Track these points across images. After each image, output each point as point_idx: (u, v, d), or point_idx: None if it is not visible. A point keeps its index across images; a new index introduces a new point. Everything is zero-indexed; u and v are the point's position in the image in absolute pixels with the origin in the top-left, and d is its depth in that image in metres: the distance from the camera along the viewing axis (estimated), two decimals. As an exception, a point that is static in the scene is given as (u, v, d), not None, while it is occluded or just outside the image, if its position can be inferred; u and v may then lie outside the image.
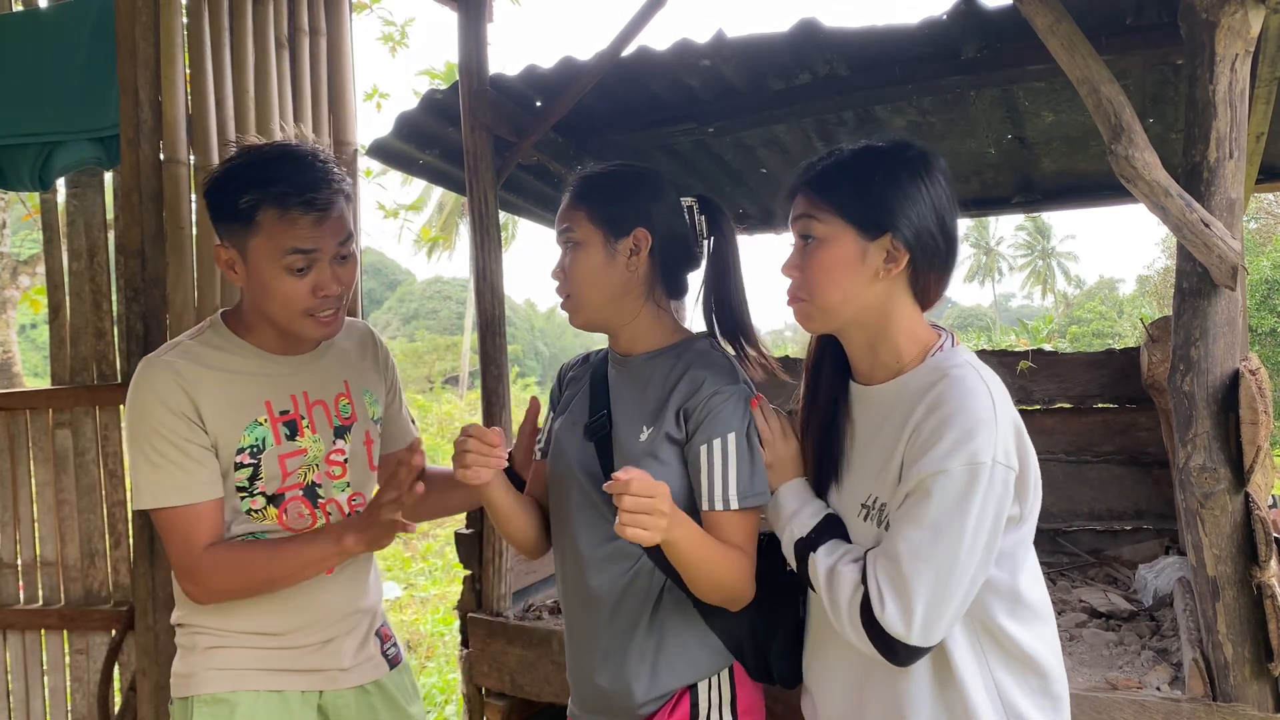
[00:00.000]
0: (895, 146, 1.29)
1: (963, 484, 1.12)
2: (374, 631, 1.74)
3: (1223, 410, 1.78)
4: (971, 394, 1.16)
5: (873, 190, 1.23)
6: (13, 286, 6.78)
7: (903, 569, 1.13)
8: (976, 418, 1.13)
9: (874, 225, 1.23)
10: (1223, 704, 1.84)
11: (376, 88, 6.81)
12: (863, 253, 1.24)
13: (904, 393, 1.24)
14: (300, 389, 1.60)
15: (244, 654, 1.56)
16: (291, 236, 1.44)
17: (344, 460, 1.64)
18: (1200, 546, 1.82)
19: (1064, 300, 51.37)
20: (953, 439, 1.12)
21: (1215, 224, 1.69)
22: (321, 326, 1.53)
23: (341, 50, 2.66)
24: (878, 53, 2.77)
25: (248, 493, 1.54)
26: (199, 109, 2.35)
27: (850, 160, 1.28)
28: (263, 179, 1.44)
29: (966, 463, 1.11)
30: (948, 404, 1.15)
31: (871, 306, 1.26)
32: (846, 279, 1.24)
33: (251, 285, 1.51)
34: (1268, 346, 14.42)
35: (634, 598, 1.46)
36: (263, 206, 1.44)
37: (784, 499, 1.35)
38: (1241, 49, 1.71)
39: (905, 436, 1.19)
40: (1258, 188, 3.75)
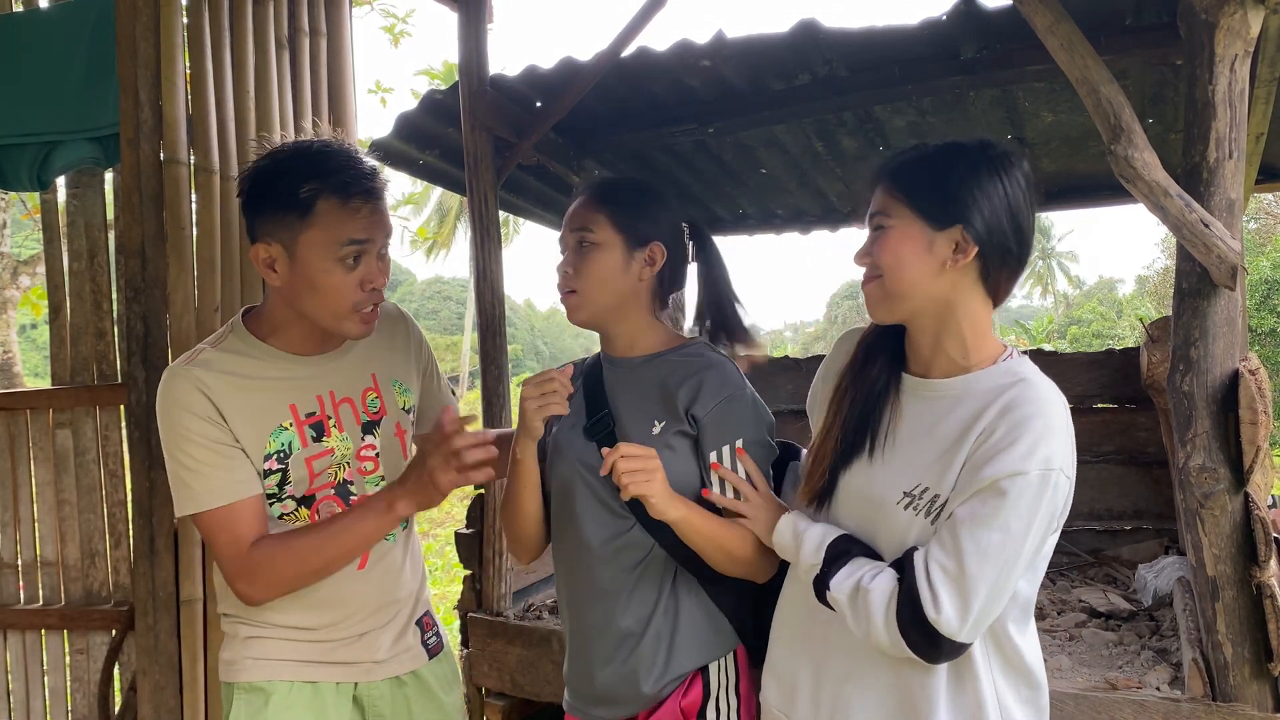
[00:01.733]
0: (978, 144, 1.30)
1: (1036, 488, 1.13)
2: (414, 621, 1.72)
3: (1222, 410, 1.78)
4: (1048, 402, 1.18)
5: (947, 183, 1.25)
6: (13, 286, 6.78)
7: (967, 567, 1.13)
8: (1052, 425, 1.16)
9: (943, 216, 1.24)
10: (1222, 704, 1.84)
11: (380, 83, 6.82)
12: (930, 242, 1.24)
13: (973, 390, 1.25)
14: (326, 389, 1.58)
15: (279, 645, 1.57)
16: (350, 226, 1.44)
17: (375, 455, 1.63)
18: (1200, 546, 1.82)
19: (1064, 300, 51.36)
20: (1029, 442, 1.14)
21: (1215, 224, 1.69)
22: (364, 324, 1.53)
23: (341, 50, 2.66)
24: (878, 53, 2.77)
25: (277, 498, 1.54)
26: (199, 109, 2.35)
27: (930, 154, 1.31)
28: (322, 169, 1.44)
29: (1042, 468, 1.13)
30: (1025, 407, 1.17)
31: (938, 297, 1.26)
32: (913, 265, 1.24)
33: (295, 282, 1.47)
34: (1267, 346, 14.42)
35: (647, 586, 1.50)
36: (324, 195, 1.43)
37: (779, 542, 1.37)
38: (1241, 49, 1.71)
39: (975, 434, 1.20)
40: (1257, 188, 3.75)
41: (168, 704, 2.34)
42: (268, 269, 1.48)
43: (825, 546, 1.29)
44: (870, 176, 1.35)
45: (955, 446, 1.21)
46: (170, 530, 2.34)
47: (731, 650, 1.54)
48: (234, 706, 1.57)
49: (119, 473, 2.58)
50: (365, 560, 1.61)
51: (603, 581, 1.52)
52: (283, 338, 1.56)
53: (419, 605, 1.76)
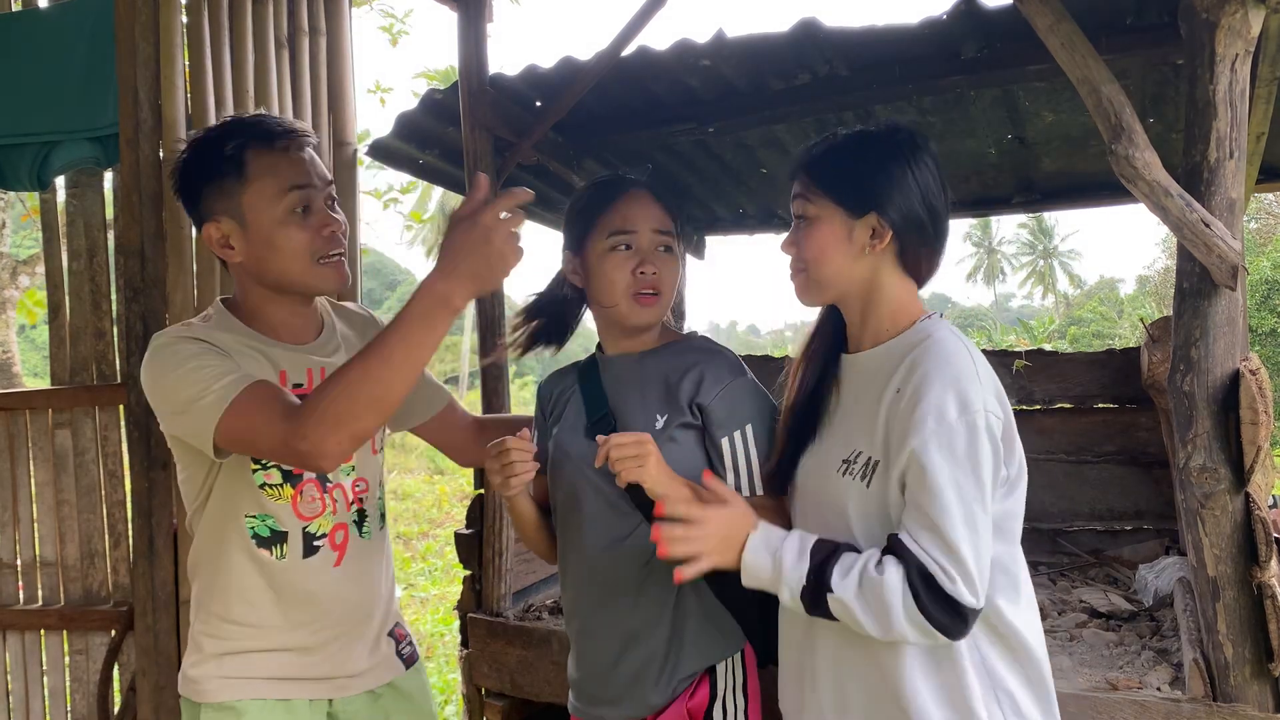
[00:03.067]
0: (885, 130, 1.36)
1: (965, 436, 1.17)
2: (386, 632, 1.69)
3: (1223, 410, 1.77)
4: (952, 353, 1.23)
5: (859, 172, 1.32)
6: (13, 286, 6.78)
7: (947, 536, 1.15)
8: (959, 372, 1.20)
9: (859, 205, 1.31)
10: (1223, 704, 1.84)
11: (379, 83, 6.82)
12: (849, 230, 1.32)
13: (889, 355, 1.31)
14: (316, 365, 1.57)
15: (250, 661, 1.53)
16: (287, 171, 1.43)
17: None
18: (1200, 546, 1.82)
19: (1064, 300, 51.37)
20: (938, 395, 1.18)
21: (1215, 224, 1.69)
22: (333, 272, 1.50)
23: (341, 50, 2.66)
24: (878, 53, 2.77)
25: (262, 466, 1.49)
26: (199, 109, 2.35)
27: (842, 144, 1.37)
28: (239, 128, 1.46)
29: (960, 414, 1.17)
30: (927, 361, 1.22)
31: (860, 279, 1.34)
32: (835, 254, 1.33)
33: (254, 250, 1.45)
34: (1268, 346, 14.42)
35: (654, 586, 1.50)
36: (250, 146, 1.43)
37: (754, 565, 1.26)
38: (1241, 49, 1.71)
39: (889, 393, 1.25)
40: (1258, 188, 3.75)
41: (167, 704, 2.34)
42: (223, 248, 1.46)
43: (808, 551, 1.24)
44: (790, 169, 1.42)
45: (876, 407, 1.27)
46: (170, 530, 2.33)
47: (739, 650, 1.53)
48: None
49: (118, 473, 2.58)
50: (341, 557, 1.58)
51: (611, 582, 1.52)
52: (263, 320, 1.54)
53: (391, 615, 1.72)
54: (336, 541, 1.58)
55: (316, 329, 1.62)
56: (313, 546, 1.55)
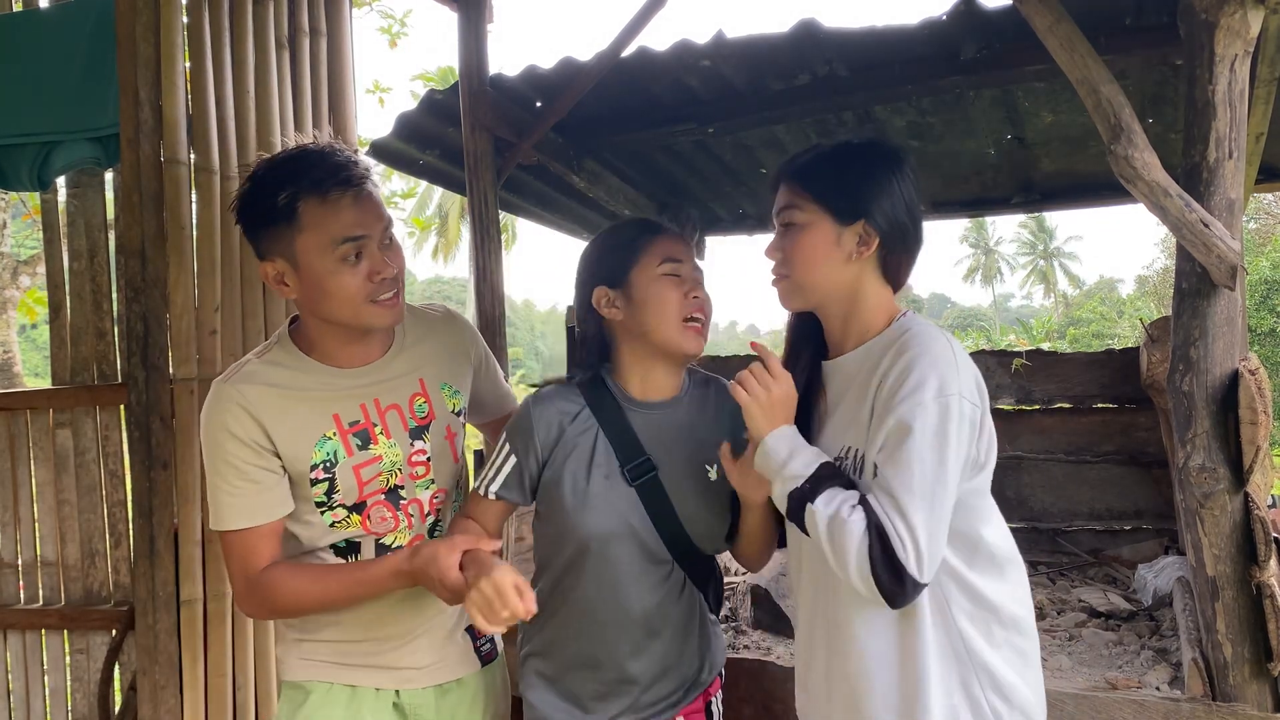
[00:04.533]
0: (869, 143, 1.42)
1: (938, 415, 1.21)
2: (464, 629, 1.70)
3: (1222, 410, 1.78)
4: (932, 341, 1.27)
5: (848, 180, 1.36)
6: (13, 286, 6.78)
7: (903, 506, 1.19)
8: (938, 358, 1.24)
9: (849, 212, 1.35)
10: (1222, 704, 1.84)
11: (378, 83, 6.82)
12: (838, 237, 1.36)
13: (871, 353, 1.36)
14: (371, 397, 1.58)
15: (320, 647, 1.60)
16: (338, 223, 1.44)
17: (427, 459, 1.63)
18: (1200, 546, 1.82)
19: (1064, 300, 51.37)
20: (918, 377, 1.23)
21: (1214, 224, 1.69)
22: (387, 311, 1.51)
23: (341, 50, 2.66)
24: (878, 53, 2.77)
25: (327, 506, 1.55)
26: (199, 109, 2.35)
27: (829, 154, 1.41)
28: (294, 173, 1.45)
29: (936, 396, 1.21)
30: (910, 350, 1.26)
31: (845, 284, 1.38)
32: (823, 260, 1.37)
33: (307, 291, 1.49)
34: (1267, 346, 14.42)
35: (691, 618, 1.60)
36: (302, 198, 1.43)
37: (773, 446, 1.33)
38: (1241, 49, 1.71)
39: (874, 385, 1.30)
40: (1257, 188, 3.76)
41: (168, 704, 2.34)
42: (279, 285, 1.49)
43: (818, 464, 1.29)
44: (773, 177, 1.46)
45: (861, 402, 1.32)
46: (170, 530, 2.34)
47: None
48: (280, 701, 1.65)
49: (119, 472, 2.58)
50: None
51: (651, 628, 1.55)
52: (323, 350, 1.56)
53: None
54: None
55: (384, 345, 1.62)
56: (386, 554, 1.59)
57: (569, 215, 4.46)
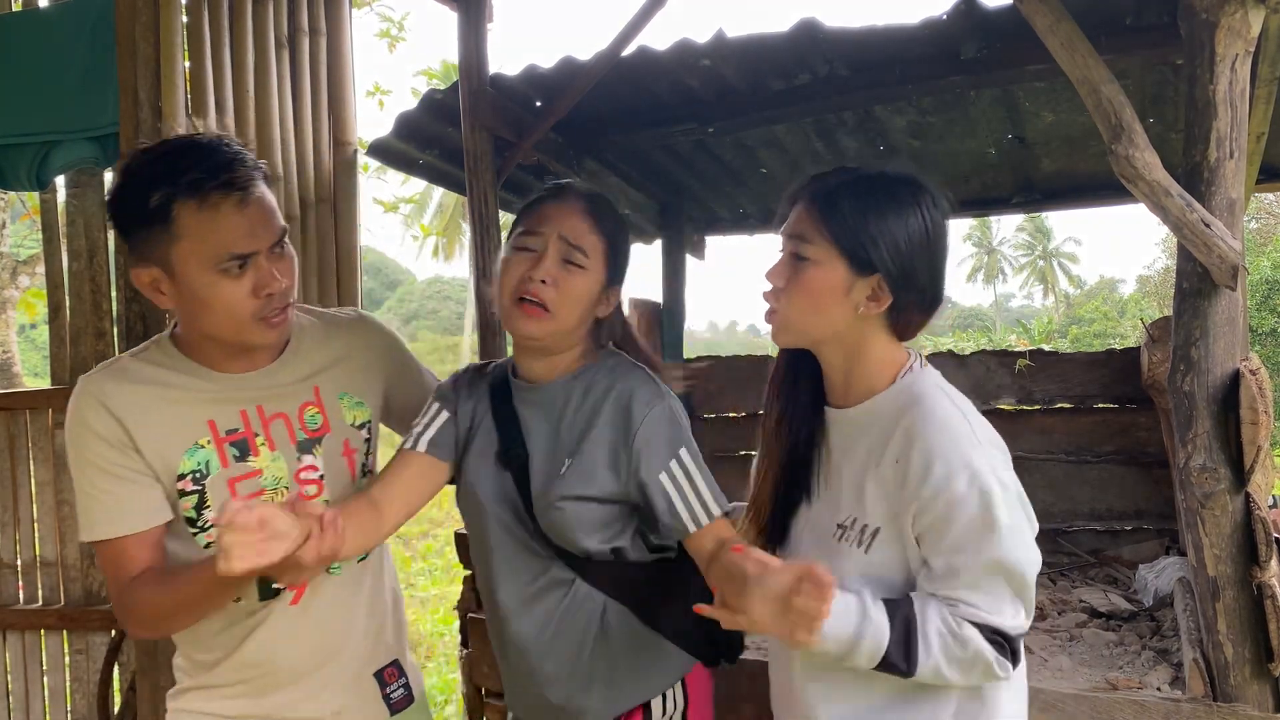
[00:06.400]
0: (907, 182, 1.25)
1: (978, 500, 1.13)
2: (372, 673, 1.53)
3: (1223, 410, 1.77)
4: (949, 420, 1.18)
5: (871, 226, 1.20)
6: (13, 286, 6.78)
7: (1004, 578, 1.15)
8: (958, 440, 1.16)
9: (866, 263, 1.21)
10: (1223, 704, 1.84)
11: (378, 85, 6.81)
12: (849, 286, 1.22)
13: (876, 415, 1.25)
14: (254, 403, 1.42)
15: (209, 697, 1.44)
16: (219, 235, 1.26)
17: (318, 477, 1.46)
18: (1200, 546, 1.82)
19: (1064, 300, 51.38)
20: (945, 466, 1.14)
21: (1215, 224, 1.69)
22: (272, 330, 1.36)
23: (341, 50, 2.66)
24: (878, 53, 2.77)
25: (196, 527, 1.38)
26: (199, 109, 2.35)
27: (859, 187, 1.24)
28: (169, 171, 1.26)
29: (970, 483, 1.13)
30: (923, 431, 1.17)
31: (846, 336, 1.26)
32: (828, 307, 1.23)
33: (185, 303, 1.32)
34: (1268, 346, 14.42)
35: (573, 629, 1.41)
36: (178, 200, 1.25)
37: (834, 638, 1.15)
38: (1241, 49, 1.70)
39: (890, 459, 1.20)
40: (1258, 188, 3.75)
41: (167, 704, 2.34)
42: (155, 293, 1.32)
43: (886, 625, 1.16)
44: (793, 191, 1.30)
45: (868, 472, 1.22)
46: (170, 530, 2.33)
47: (680, 678, 1.46)
48: None
49: (119, 473, 2.57)
50: (300, 594, 1.43)
51: (522, 633, 1.41)
52: (204, 354, 1.40)
53: (380, 652, 1.56)
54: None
55: (275, 351, 1.46)
56: (271, 589, 1.41)
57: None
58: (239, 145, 1.35)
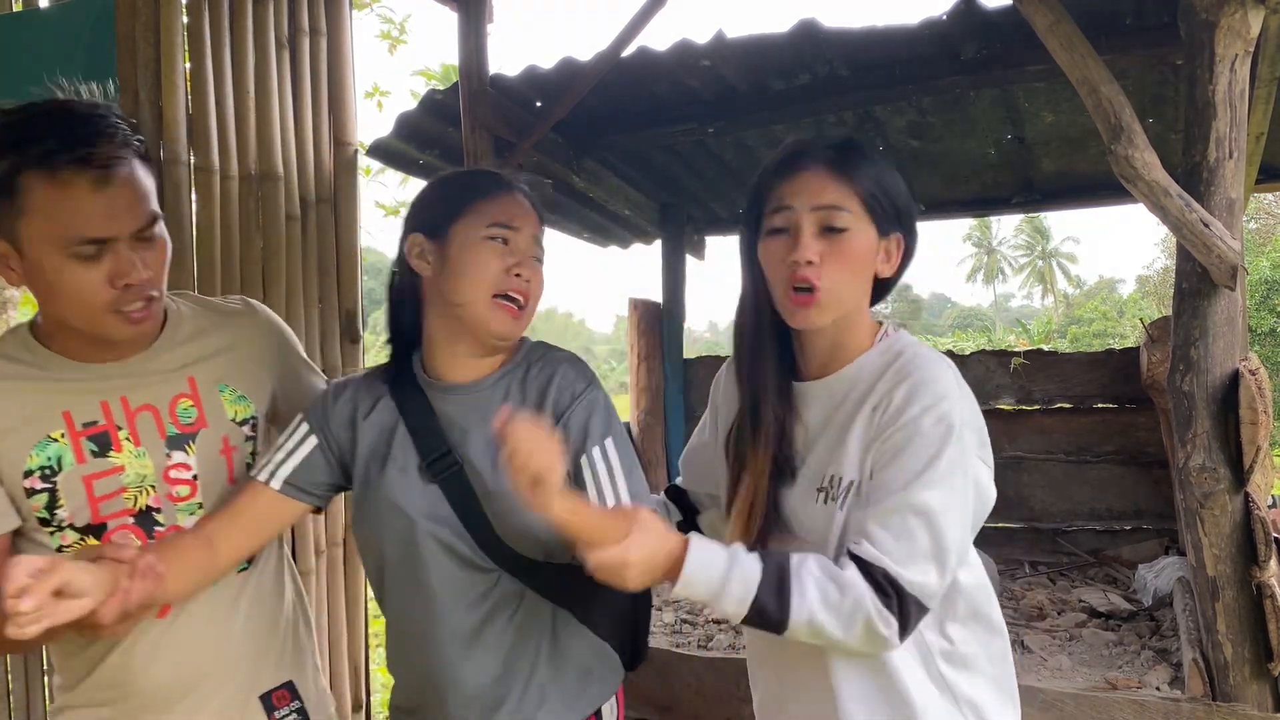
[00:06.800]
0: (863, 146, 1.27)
1: (936, 440, 1.10)
2: (260, 694, 1.37)
3: (1222, 410, 1.78)
4: (936, 366, 1.16)
5: (886, 185, 1.21)
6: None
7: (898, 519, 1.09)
8: (944, 386, 1.14)
9: (890, 222, 1.21)
10: (1222, 704, 1.84)
11: (377, 86, 6.80)
12: (876, 249, 1.21)
13: (861, 374, 1.22)
14: (116, 394, 1.28)
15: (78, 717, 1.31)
16: (71, 216, 1.13)
17: (191, 477, 1.31)
18: (1200, 546, 1.82)
19: (1064, 300, 51.40)
20: (922, 404, 1.12)
21: (1215, 224, 1.69)
22: (130, 326, 1.22)
23: (341, 50, 2.66)
24: (878, 53, 2.77)
25: (53, 525, 1.25)
26: (199, 109, 2.35)
27: (856, 149, 1.23)
28: (20, 138, 1.14)
29: (937, 421, 1.11)
30: (914, 374, 1.15)
31: (859, 301, 1.24)
32: (864, 275, 1.21)
33: (34, 284, 1.20)
34: (1267, 346, 14.42)
35: (526, 644, 1.29)
36: (25, 172, 1.13)
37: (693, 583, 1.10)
38: (1241, 49, 1.71)
39: (869, 408, 1.17)
40: (1257, 188, 3.75)
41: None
42: (4, 268, 1.20)
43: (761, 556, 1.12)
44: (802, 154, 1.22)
45: (851, 426, 1.19)
46: (170, 530, 2.33)
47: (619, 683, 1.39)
48: None
49: (119, 473, 2.57)
50: (167, 607, 1.28)
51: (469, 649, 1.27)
52: (61, 342, 1.27)
53: (266, 673, 1.39)
54: None
55: (147, 338, 1.32)
56: None
57: (569, 215, 4.45)
58: (118, 117, 1.22)
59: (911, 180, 4.02)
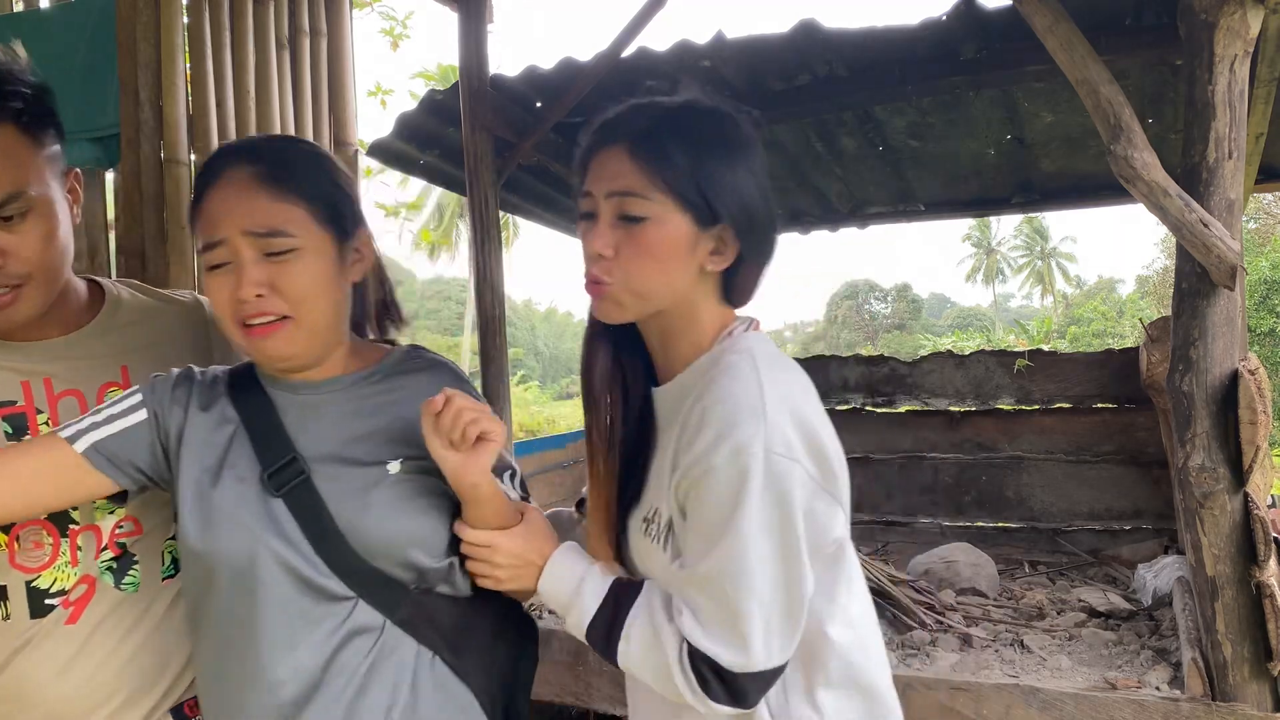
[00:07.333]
0: (718, 112, 1.10)
1: (732, 482, 0.93)
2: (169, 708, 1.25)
3: (1222, 410, 1.78)
4: (737, 382, 0.97)
5: (708, 168, 1.03)
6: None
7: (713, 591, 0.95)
8: (739, 406, 0.95)
9: (710, 211, 1.02)
10: (1222, 704, 1.84)
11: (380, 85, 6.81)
12: (695, 243, 1.02)
13: (687, 387, 1.05)
14: (40, 375, 1.18)
15: None
16: None
17: None
18: (1199, 546, 1.82)
19: (1063, 300, 51.43)
20: (714, 432, 0.94)
21: (1214, 224, 1.69)
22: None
23: (342, 51, 2.66)
24: (878, 53, 2.78)
25: None
26: (199, 109, 2.35)
27: (680, 123, 1.06)
28: None
29: (732, 456, 0.93)
30: (709, 394, 0.98)
31: (684, 302, 1.06)
32: (673, 269, 1.02)
33: None
34: (1266, 346, 14.43)
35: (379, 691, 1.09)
36: None
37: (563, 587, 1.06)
38: (1240, 49, 1.71)
39: (678, 427, 1.02)
40: (1257, 188, 3.76)
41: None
42: None
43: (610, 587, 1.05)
44: (605, 132, 1.09)
45: (665, 453, 1.05)
46: (170, 530, 2.33)
47: None
48: None
49: (119, 473, 2.57)
50: (78, 614, 1.17)
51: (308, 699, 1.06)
52: None
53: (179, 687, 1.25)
54: (74, 597, 1.18)
55: (70, 322, 1.22)
56: (44, 605, 1.17)
57: (569, 215, 4.46)
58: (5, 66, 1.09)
59: (911, 180, 4.03)
